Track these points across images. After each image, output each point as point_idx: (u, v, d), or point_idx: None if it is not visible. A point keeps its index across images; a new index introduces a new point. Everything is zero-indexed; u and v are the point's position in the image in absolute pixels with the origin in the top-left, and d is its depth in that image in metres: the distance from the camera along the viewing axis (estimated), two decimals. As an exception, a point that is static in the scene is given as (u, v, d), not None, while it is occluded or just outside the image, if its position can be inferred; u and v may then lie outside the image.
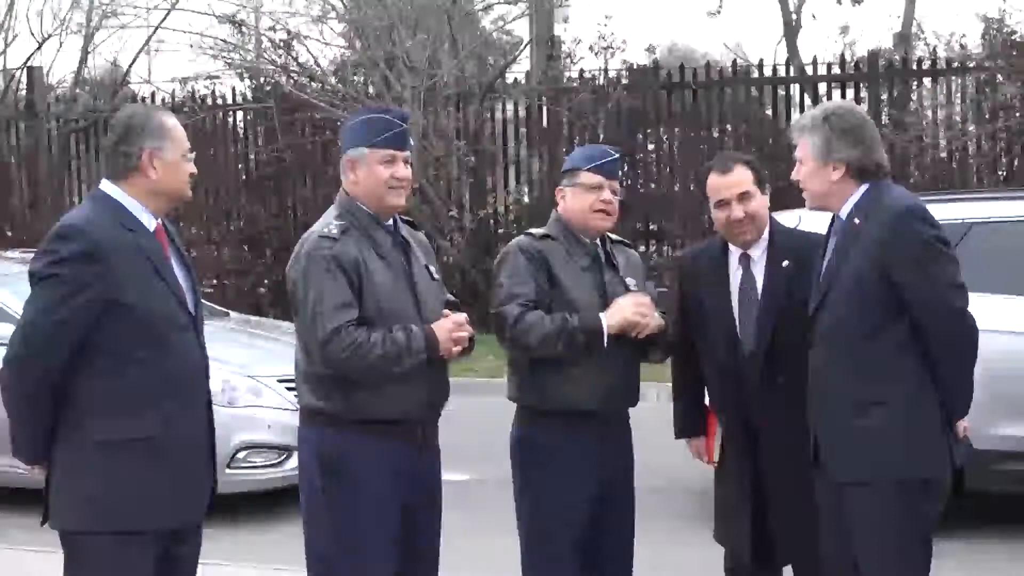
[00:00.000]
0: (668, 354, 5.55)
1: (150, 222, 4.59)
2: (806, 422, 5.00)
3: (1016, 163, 15.59)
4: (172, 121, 4.65)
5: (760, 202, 5.37)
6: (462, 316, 5.05)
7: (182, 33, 18.96)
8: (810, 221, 6.12)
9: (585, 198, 5.35)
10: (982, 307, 5.16)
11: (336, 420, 4.88)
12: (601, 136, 16.50)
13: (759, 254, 5.39)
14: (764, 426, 5.30)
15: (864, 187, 4.86)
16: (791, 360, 5.10)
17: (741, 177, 5.37)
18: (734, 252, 5.43)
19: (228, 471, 8.56)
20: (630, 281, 5.42)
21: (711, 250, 5.56)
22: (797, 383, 5.02)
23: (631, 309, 5.23)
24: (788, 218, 6.39)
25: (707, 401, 5.60)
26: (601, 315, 5.22)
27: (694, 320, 5.48)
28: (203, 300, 5.06)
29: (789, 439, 5.18)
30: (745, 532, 5.37)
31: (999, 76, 15.67)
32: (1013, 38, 15.85)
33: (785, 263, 5.32)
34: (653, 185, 17.17)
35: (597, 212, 5.34)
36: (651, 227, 17.25)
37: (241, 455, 8.76)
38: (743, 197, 5.35)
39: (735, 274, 5.42)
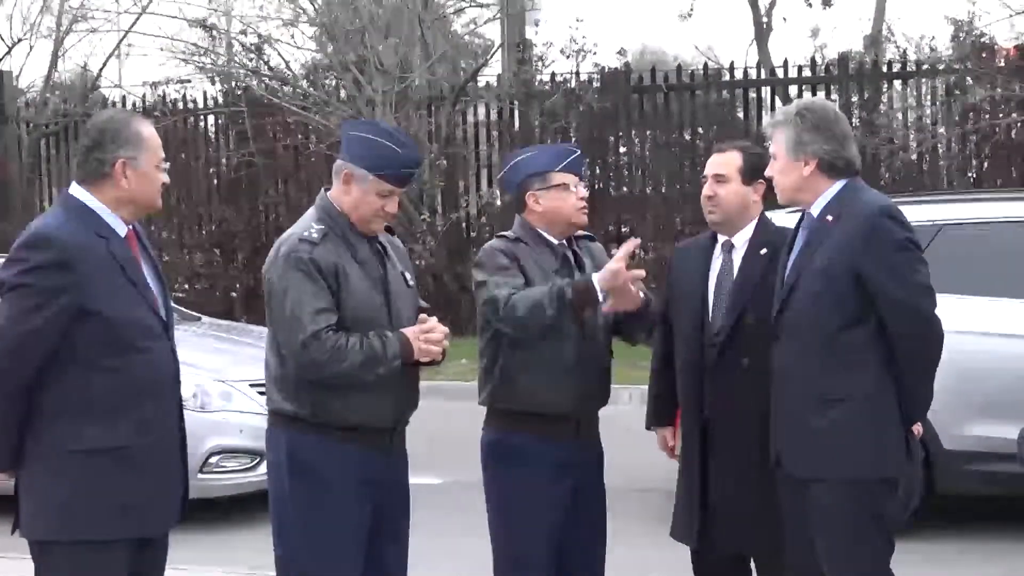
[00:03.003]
0: (649, 334, 5.57)
1: (121, 228, 4.55)
2: (763, 409, 5.05)
3: (986, 165, 15.66)
4: (148, 130, 4.59)
5: (733, 190, 5.44)
6: (433, 321, 5.03)
7: (153, 37, 18.92)
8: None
9: (566, 198, 5.36)
10: (952, 308, 5.21)
11: (305, 423, 4.88)
12: (573, 139, 16.51)
13: (742, 243, 5.47)
14: (718, 410, 5.35)
15: (838, 185, 4.89)
16: (757, 344, 5.17)
17: (726, 160, 5.49)
18: (720, 240, 5.52)
19: (200, 476, 8.54)
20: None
21: (702, 239, 5.67)
22: (760, 368, 5.08)
23: (615, 262, 5.19)
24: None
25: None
26: (592, 274, 5.21)
27: (672, 305, 5.55)
28: (175, 305, 5.05)
29: (741, 426, 5.27)
30: (692, 516, 5.42)
31: (968, 78, 15.73)
32: (982, 41, 15.92)
33: (763, 251, 5.39)
34: (625, 188, 17.18)
35: (579, 210, 5.38)
36: (623, 229, 17.26)
37: (213, 460, 8.74)
38: (718, 179, 5.47)
39: (716, 260, 5.50)
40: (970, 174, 15.85)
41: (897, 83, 16.84)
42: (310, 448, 4.88)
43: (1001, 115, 15.54)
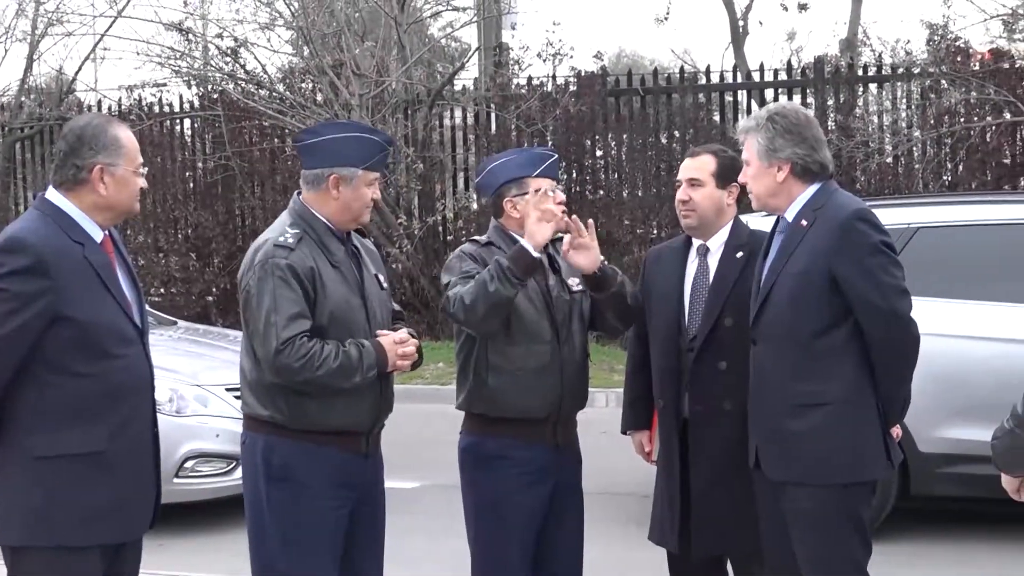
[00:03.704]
0: (628, 318, 5.51)
1: (97, 233, 4.53)
2: (741, 412, 5.07)
3: (960, 168, 15.69)
4: (126, 135, 4.58)
5: (707, 194, 5.46)
6: (403, 332, 5.03)
7: (128, 41, 18.83)
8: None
9: (544, 203, 5.37)
10: (927, 311, 5.21)
11: (281, 428, 4.87)
12: (550, 142, 16.51)
13: (717, 246, 5.48)
14: (698, 412, 5.36)
15: (812, 189, 4.89)
16: (734, 347, 5.19)
17: (700, 164, 5.50)
18: (695, 244, 5.53)
19: (176, 480, 8.53)
20: (573, 282, 5.43)
21: (675, 243, 5.68)
22: (738, 371, 5.10)
23: (533, 210, 5.16)
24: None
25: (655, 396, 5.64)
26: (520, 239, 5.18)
27: (647, 308, 5.56)
28: (151, 309, 5.03)
29: (720, 429, 5.28)
30: (672, 519, 5.43)
31: (943, 82, 15.78)
32: (957, 44, 15.96)
33: (739, 255, 5.40)
34: (601, 191, 17.18)
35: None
36: (598, 233, 17.25)
37: (189, 464, 8.71)
38: (692, 183, 5.48)
39: (691, 264, 5.51)
40: (945, 177, 15.89)
41: (872, 87, 16.88)
42: (286, 452, 4.88)
43: (976, 118, 15.58)
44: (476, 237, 5.50)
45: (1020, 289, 8.08)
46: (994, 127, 15.52)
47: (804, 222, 4.84)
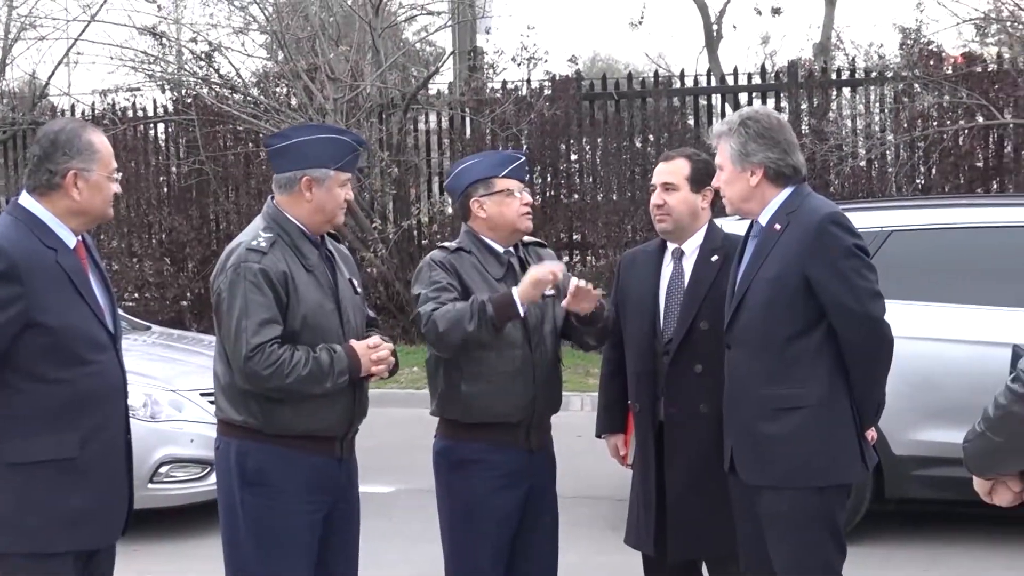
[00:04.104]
0: (604, 337, 5.56)
1: (70, 239, 4.52)
2: (718, 415, 5.08)
3: (934, 171, 15.73)
4: (100, 140, 4.57)
5: (682, 198, 5.48)
6: (375, 338, 5.02)
7: (102, 45, 18.77)
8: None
9: (510, 204, 5.37)
10: (901, 314, 5.22)
11: (255, 432, 4.86)
12: (524, 146, 16.52)
13: (692, 249, 5.50)
14: (673, 416, 5.36)
15: (785, 193, 4.90)
16: (710, 351, 5.19)
17: (674, 168, 5.53)
18: (670, 248, 5.55)
19: (150, 486, 8.50)
20: (546, 287, 5.43)
21: (650, 246, 5.70)
22: (714, 374, 5.10)
23: (535, 270, 5.19)
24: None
25: (630, 401, 5.64)
26: (513, 287, 5.20)
27: (622, 312, 5.56)
28: (125, 314, 5.02)
29: (697, 432, 5.30)
30: (648, 523, 5.43)
31: (916, 85, 15.84)
32: (930, 48, 16.01)
33: (715, 258, 5.42)
34: (576, 195, 17.19)
35: (523, 216, 5.38)
36: (574, 237, 17.29)
37: (163, 470, 8.68)
38: (667, 187, 5.50)
39: (667, 268, 5.53)
40: (918, 180, 15.95)
41: (846, 90, 16.93)
42: (260, 457, 4.87)
43: (949, 122, 15.63)
44: (445, 243, 5.49)
45: (993, 292, 8.10)
46: (967, 130, 15.58)
47: (777, 226, 4.85)
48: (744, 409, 4.89)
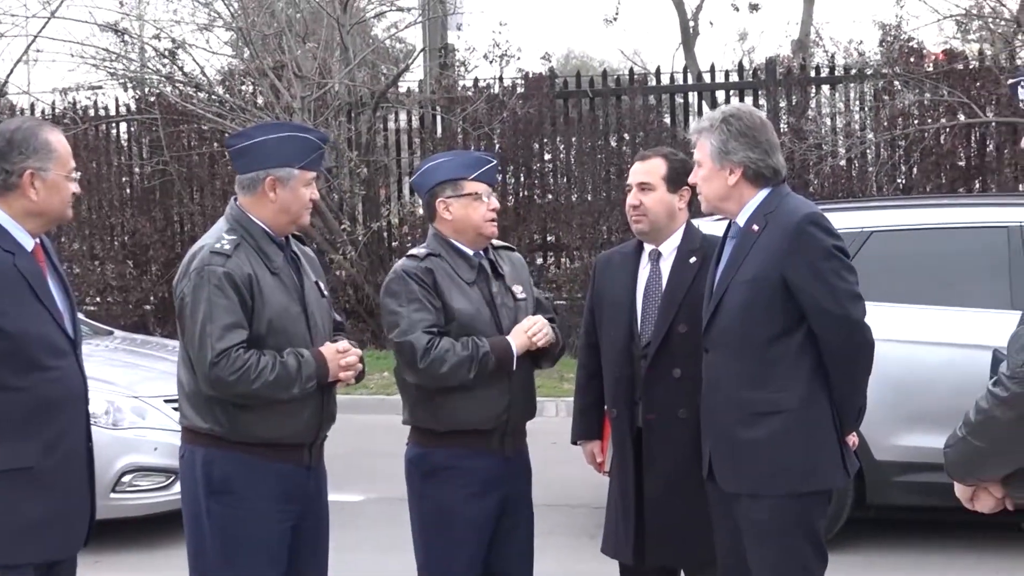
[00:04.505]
0: (556, 361, 5.61)
1: (27, 241, 4.50)
2: (697, 420, 5.08)
3: (915, 171, 15.79)
4: (58, 138, 4.55)
5: (659, 198, 5.48)
6: (344, 343, 5.02)
7: (62, 42, 18.70)
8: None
9: (476, 208, 5.37)
10: (882, 316, 5.24)
11: (221, 440, 4.85)
12: (496, 146, 16.52)
13: (669, 251, 5.50)
14: (651, 421, 5.37)
15: (763, 193, 4.90)
16: (689, 354, 5.19)
17: (650, 168, 5.53)
18: (647, 249, 5.54)
19: (113, 495, 8.47)
20: (517, 289, 5.45)
21: (626, 248, 5.70)
22: (693, 378, 5.10)
23: (530, 333, 5.31)
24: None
25: (606, 407, 5.65)
26: (508, 338, 5.26)
27: (599, 316, 5.57)
28: (87, 319, 5.00)
29: (676, 437, 5.29)
30: (626, 531, 5.44)
31: (897, 83, 15.90)
32: (910, 45, 16.07)
33: (692, 259, 5.43)
34: (549, 195, 17.20)
35: (489, 221, 5.38)
36: (547, 238, 17.30)
37: (126, 479, 8.65)
38: (643, 187, 5.50)
39: (643, 270, 5.53)
40: (899, 180, 16.01)
41: (825, 88, 16.98)
42: (226, 465, 4.86)
43: (930, 120, 15.70)
44: (414, 251, 5.47)
45: (975, 293, 8.13)
46: (948, 129, 15.65)
47: (755, 227, 4.85)
48: (722, 414, 4.90)
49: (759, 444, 4.79)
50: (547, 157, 17.48)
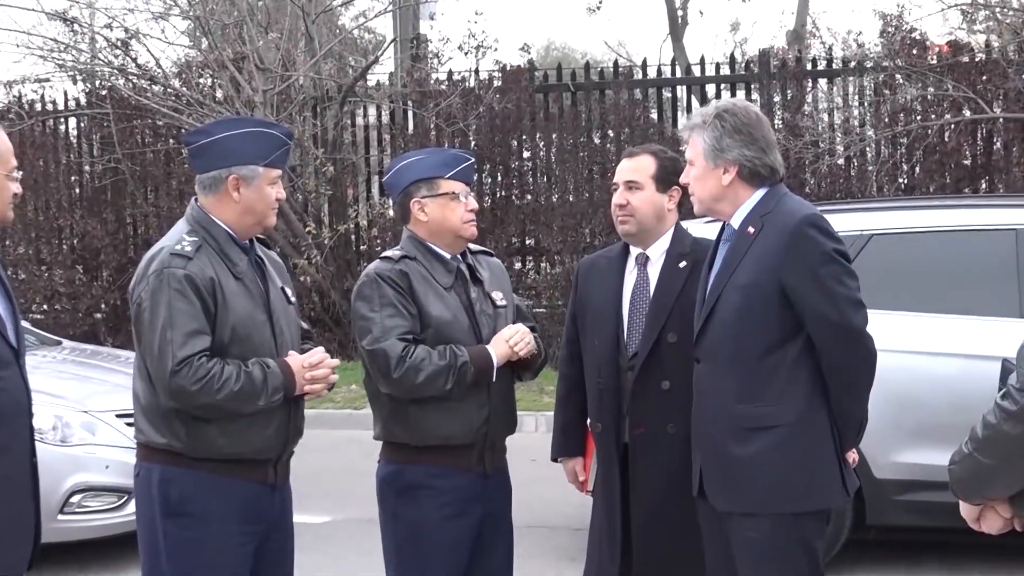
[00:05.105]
0: (537, 373, 5.61)
1: (-33, 246, 4.51)
2: (685, 435, 5.09)
3: (917, 170, 15.82)
4: None
5: (647, 198, 5.49)
6: (320, 352, 5.02)
7: (7, 31, 18.67)
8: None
9: (454, 208, 5.38)
10: (882, 325, 5.24)
11: (180, 457, 4.84)
12: (472, 143, 16.52)
13: (658, 255, 5.51)
14: (638, 437, 5.37)
15: (759, 193, 4.91)
16: (679, 365, 5.20)
17: (638, 165, 5.53)
18: (633, 253, 5.55)
19: (61, 517, 8.44)
20: (496, 295, 5.46)
21: (611, 251, 5.71)
22: (683, 391, 5.11)
23: (511, 342, 5.32)
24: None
25: (589, 422, 5.65)
26: (488, 347, 5.26)
27: (582, 324, 5.57)
28: (32, 327, 4.99)
29: (665, 454, 5.30)
30: (612, 553, 5.44)
31: (898, 77, 15.93)
32: (912, 36, 16.09)
33: (682, 264, 5.43)
34: (529, 196, 17.21)
35: (467, 223, 5.39)
36: (526, 242, 17.30)
37: (76, 499, 8.62)
38: (630, 185, 5.51)
39: (630, 275, 5.53)
40: (901, 180, 16.04)
41: (822, 82, 17.00)
42: (185, 484, 4.85)
43: (933, 116, 15.73)
44: (388, 253, 5.48)
45: (981, 301, 8.14)
46: (953, 125, 15.69)
47: (751, 229, 4.86)
48: (714, 428, 4.90)
49: (753, 461, 4.80)
50: (526, 155, 17.49)
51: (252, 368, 4.81)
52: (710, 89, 17.28)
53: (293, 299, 5.20)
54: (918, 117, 15.79)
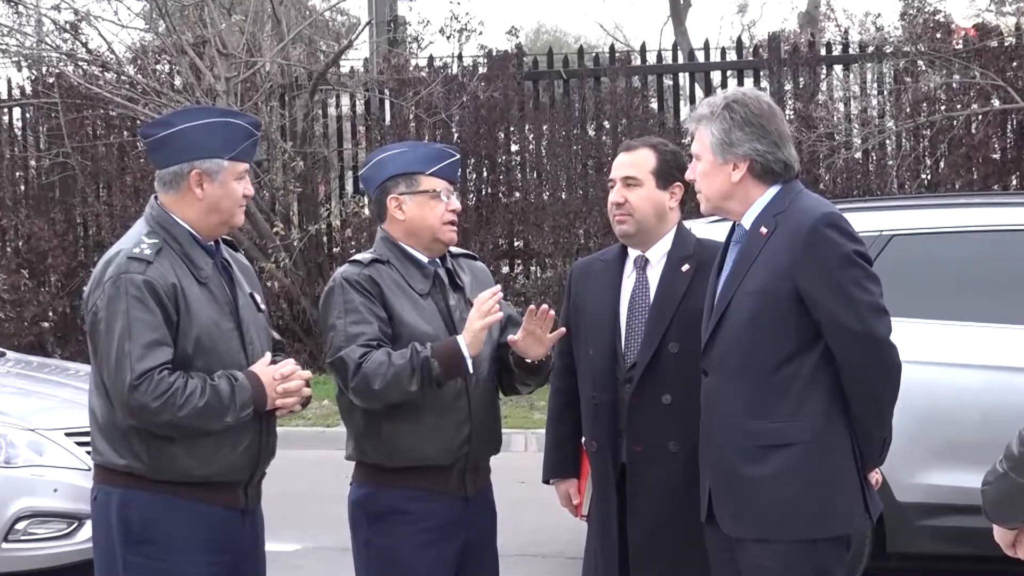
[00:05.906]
0: (542, 383, 5.59)
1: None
2: (688, 454, 5.11)
3: (941, 164, 15.87)
4: None
5: (646, 195, 5.49)
6: (291, 364, 5.02)
7: (-56, 14, 18.68)
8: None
9: (434, 208, 5.38)
10: (904, 333, 5.25)
11: (141, 479, 4.84)
12: (455, 135, 16.54)
13: (658, 257, 5.51)
14: (637, 455, 5.38)
15: (772, 191, 4.92)
16: (681, 378, 5.21)
17: (637, 160, 5.53)
18: (631, 255, 5.55)
19: (5, 545, 8.45)
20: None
21: (607, 254, 5.71)
22: (685, 406, 5.13)
23: (477, 315, 5.22)
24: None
25: (583, 440, 5.65)
26: (457, 338, 5.23)
27: (575, 333, 5.57)
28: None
29: (666, 475, 5.31)
30: None
31: (921, 63, 15.96)
32: (936, 19, 16.13)
33: (685, 267, 5.43)
34: (517, 193, 17.23)
35: (447, 224, 5.38)
36: (515, 243, 17.31)
37: (21, 526, 8.62)
38: (628, 182, 5.51)
39: (628, 279, 5.54)
40: (924, 175, 16.09)
41: (838, 68, 17.06)
42: (147, 509, 4.85)
43: (959, 106, 15.78)
44: (357, 256, 5.47)
45: (1011, 307, 8.15)
46: (980, 116, 15.73)
47: (764, 230, 4.87)
48: (724, 447, 4.91)
49: (767, 482, 4.80)
50: (514, 149, 17.52)
51: (218, 382, 4.81)
52: (715, 76, 17.35)
53: (263, 306, 5.20)
54: (942, 107, 15.84)
